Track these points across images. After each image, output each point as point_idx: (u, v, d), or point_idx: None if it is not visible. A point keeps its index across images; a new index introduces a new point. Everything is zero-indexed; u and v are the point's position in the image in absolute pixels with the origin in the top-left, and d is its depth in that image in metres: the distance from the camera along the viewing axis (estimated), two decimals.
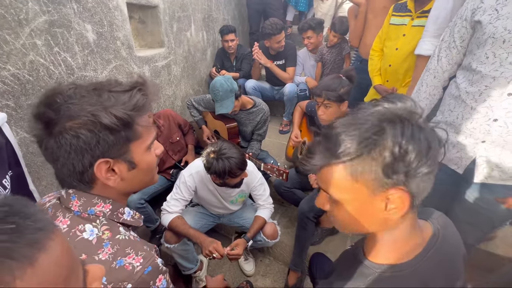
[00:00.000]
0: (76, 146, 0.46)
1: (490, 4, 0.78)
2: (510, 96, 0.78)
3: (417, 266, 0.49)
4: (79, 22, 1.36)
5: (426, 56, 1.25)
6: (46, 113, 0.46)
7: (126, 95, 0.49)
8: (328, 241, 1.78)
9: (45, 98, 0.48)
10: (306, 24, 2.23)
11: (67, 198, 0.52)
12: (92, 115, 0.46)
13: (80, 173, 0.49)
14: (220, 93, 1.64)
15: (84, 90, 0.49)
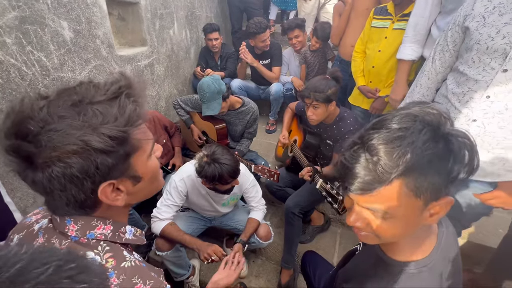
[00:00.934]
0: (71, 176, 0.39)
1: (479, 11, 0.83)
2: (488, 98, 0.84)
3: (434, 260, 0.52)
4: (54, 18, 1.25)
5: (407, 60, 1.32)
6: (22, 146, 0.38)
7: (114, 106, 0.41)
8: (319, 239, 1.83)
9: (14, 126, 0.39)
10: (293, 23, 2.23)
11: (62, 222, 0.46)
12: (81, 141, 0.39)
13: (82, 202, 0.43)
14: (206, 95, 1.60)
15: (59, 107, 0.40)
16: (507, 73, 0.79)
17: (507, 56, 0.77)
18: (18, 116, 0.39)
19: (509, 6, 0.78)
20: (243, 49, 2.31)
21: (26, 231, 0.51)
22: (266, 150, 2.44)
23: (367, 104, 1.66)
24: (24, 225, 0.53)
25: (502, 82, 0.80)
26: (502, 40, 0.78)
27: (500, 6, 0.80)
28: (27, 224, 0.53)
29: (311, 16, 2.84)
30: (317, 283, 1.06)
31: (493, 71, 0.81)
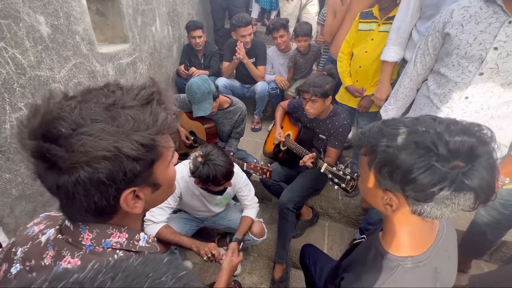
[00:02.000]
0: (98, 182, 0.38)
1: (457, 19, 0.92)
2: (466, 99, 0.93)
3: (430, 256, 0.57)
4: (30, 12, 1.15)
5: (391, 62, 1.41)
6: (51, 149, 0.36)
7: (146, 112, 0.40)
8: (309, 232, 1.89)
9: (42, 126, 0.37)
10: (278, 23, 2.26)
11: (75, 230, 0.44)
12: (114, 147, 0.37)
13: (102, 208, 0.42)
14: (197, 95, 1.58)
15: (91, 109, 0.38)
16: (483, 76, 0.88)
17: (483, 61, 0.87)
18: (47, 116, 0.37)
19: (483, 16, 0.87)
20: (240, 46, 2.30)
21: (31, 243, 0.48)
22: (253, 148, 2.47)
23: (354, 102, 1.75)
24: (26, 237, 0.50)
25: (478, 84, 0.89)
26: (478, 46, 0.87)
27: (475, 15, 0.89)
28: (31, 236, 0.50)
29: (293, 16, 2.90)
30: (318, 274, 1.11)
31: (471, 74, 0.90)
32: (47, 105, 0.38)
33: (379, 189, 0.55)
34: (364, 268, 0.62)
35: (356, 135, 0.58)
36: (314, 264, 1.20)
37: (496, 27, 0.85)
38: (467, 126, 0.49)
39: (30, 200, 1.30)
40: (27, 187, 1.27)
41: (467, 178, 0.44)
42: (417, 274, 0.56)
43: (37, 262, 0.45)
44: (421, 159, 0.46)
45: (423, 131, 0.48)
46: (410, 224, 0.57)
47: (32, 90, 1.21)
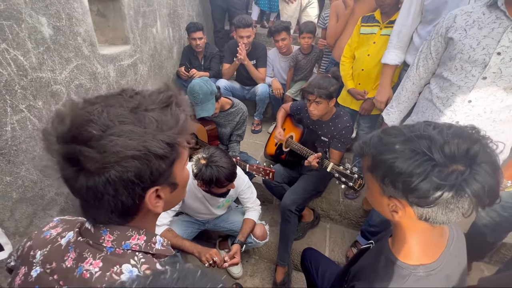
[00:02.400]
0: (127, 181, 0.40)
1: (461, 24, 0.93)
2: (470, 103, 0.94)
3: (443, 263, 0.57)
4: (32, 13, 1.14)
5: (391, 65, 1.43)
6: (84, 152, 0.37)
7: (167, 114, 0.43)
8: (310, 234, 1.90)
9: (73, 130, 0.38)
10: (280, 26, 2.26)
11: (96, 232, 0.46)
12: (143, 147, 0.39)
13: (127, 208, 0.43)
14: (200, 96, 1.57)
15: (118, 112, 0.40)
16: (486, 80, 0.89)
17: (486, 65, 0.88)
18: (77, 120, 0.38)
19: (486, 21, 0.88)
20: (241, 47, 2.29)
21: (51, 246, 0.49)
22: (253, 150, 2.47)
23: (356, 105, 1.76)
24: (44, 240, 0.51)
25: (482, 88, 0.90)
26: (482, 51, 0.88)
27: (478, 20, 0.90)
28: (49, 239, 0.51)
29: (293, 18, 2.91)
30: (320, 279, 1.11)
31: (474, 78, 0.91)
32: (74, 110, 0.40)
33: (384, 197, 0.56)
34: (376, 277, 0.61)
35: (357, 145, 0.60)
36: (316, 268, 1.20)
37: (499, 33, 0.86)
38: (461, 129, 0.50)
39: (31, 203, 1.28)
40: (28, 190, 1.25)
41: (467, 182, 0.45)
42: (430, 282, 0.56)
43: (58, 265, 0.46)
44: (419, 165, 0.47)
45: (419, 138, 0.49)
46: (419, 231, 0.57)
47: (34, 92, 1.20)
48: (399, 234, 0.60)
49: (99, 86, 1.59)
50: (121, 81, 1.79)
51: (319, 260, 1.21)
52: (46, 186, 1.34)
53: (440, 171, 0.46)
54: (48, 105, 1.28)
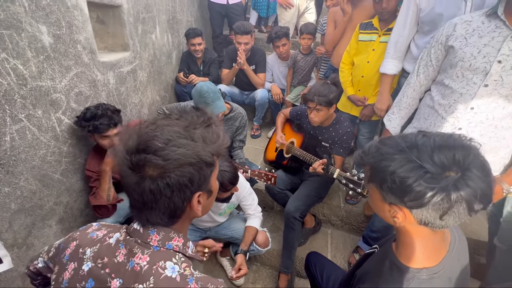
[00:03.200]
0: (182, 184, 0.49)
1: (461, 33, 0.95)
2: (472, 110, 0.95)
3: (445, 266, 0.58)
4: (32, 22, 1.13)
5: (390, 75, 1.44)
6: (153, 159, 0.47)
7: (210, 132, 0.53)
8: (312, 240, 1.89)
9: (142, 143, 0.48)
10: (281, 32, 2.28)
11: (145, 232, 0.54)
12: (197, 156, 0.49)
13: (176, 209, 0.52)
14: (211, 95, 1.59)
15: (174, 130, 0.50)
16: (488, 87, 0.91)
17: (488, 73, 0.89)
18: (145, 136, 0.48)
19: (486, 30, 0.90)
20: (241, 51, 2.31)
21: (100, 244, 0.57)
22: (254, 156, 2.46)
23: (356, 111, 1.77)
24: (92, 240, 0.58)
25: (483, 95, 0.92)
26: (483, 59, 0.90)
27: (478, 29, 0.91)
28: (97, 239, 0.58)
29: (291, 24, 2.93)
30: (325, 282, 1.10)
31: (476, 85, 0.92)
32: (139, 129, 0.50)
33: (385, 203, 0.58)
34: (380, 280, 0.63)
35: (358, 155, 0.63)
36: (320, 272, 1.20)
37: (499, 41, 0.88)
38: (450, 137, 0.53)
39: (29, 213, 1.26)
40: (27, 200, 1.23)
41: (458, 187, 0.47)
42: (433, 285, 0.58)
43: (110, 260, 0.54)
44: (412, 171, 0.50)
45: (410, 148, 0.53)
46: (421, 235, 0.59)
47: (33, 101, 1.19)
48: (403, 239, 0.62)
49: (99, 94, 1.57)
50: (120, 88, 1.78)
51: (324, 264, 1.20)
52: (45, 196, 1.32)
53: (432, 177, 0.49)
54: (48, 113, 1.27)
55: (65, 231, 1.47)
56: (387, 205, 0.58)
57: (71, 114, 1.39)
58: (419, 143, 0.53)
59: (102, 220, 1.49)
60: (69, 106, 1.38)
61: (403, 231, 0.60)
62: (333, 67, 2.04)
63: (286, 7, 2.88)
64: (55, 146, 1.33)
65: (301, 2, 2.87)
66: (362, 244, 1.68)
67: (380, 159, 0.56)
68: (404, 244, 0.61)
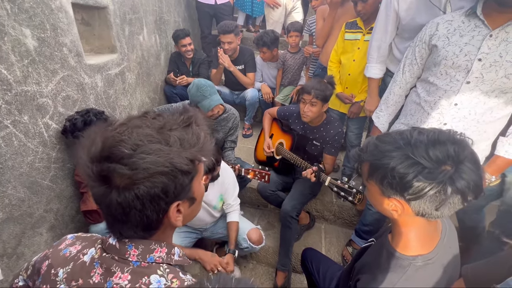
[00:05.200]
0: (154, 195, 0.43)
1: (443, 32, 0.99)
2: (456, 105, 1.00)
3: (438, 253, 0.62)
4: (15, 25, 1.10)
5: (376, 79, 1.49)
6: (117, 169, 0.40)
7: (189, 133, 0.46)
8: (306, 236, 1.92)
9: (106, 150, 0.41)
10: (260, 41, 2.32)
11: (122, 247, 0.48)
12: (170, 163, 0.42)
13: (150, 222, 0.46)
14: (208, 89, 1.63)
15: (145, 132, 0.43)
16: (470, 84, 0.96)
17: (469, 71, 0.94)
18: (109, 141, 0.42)
19: (466, 29, 0.95)
20: (221, 52, 2.30)
21: (73, 264, 0.51)
22: (246, 155, 2.47)
23: (344, 108, 1.81)
24: (65, 258, 0.52)
25: (466, 92, 0.96)
26: (464, 58, 0.94)
27: (459, 28, 0.96)
28: (70, 256, 0.52)
29: (279, 23, 2.96)
30: (321, 278, 1.13)
31: (459, 82, 0.97)
32: (104, 133, 0.43)
33: (384, 197, 0.61)
34: (379, 269, 0.66)
35: (355, 153, 0.66)
36: (317, 267, 1.23)
37: (479, 40, 0.92)
38: (443, 133, 0.56)
39: (18, 222, 1.22)
40: (15, 208, 1.19)
41: (454, 179, 0.51)
42: (428, 271, 0.62)
43: (85, 281, 0.48)
44: (410, 167, 0.53)
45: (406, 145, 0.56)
46: (416, 225, 0.62)
47: (19, 106, 1.15)
48: (398, 230, 0.65)
49: (87, 97, 1.54)
50: (109, 91, 1.75)
51: (320, 260, 1.23)
52: (35, 204, 1.28)
53: (429, 172, 0.52)
54: (35, 119, 1.23)
55: (56, 239, 1.43)
56: (386, 199, 0.60)
57: (59, 118, 1.36)
58: (414, 140, 0.55)
59: (94, 226, 1.46)
60: (57, 110, 1.35)
61: (399, 222, 0.64)
62: (322, 65, 2.08)
63: (274, 6, 2.90)
64: (43, 152, 1.29)
65: (288, 1, 2.90)
66: (355, 237, 1.73)
67: (379, 157, 0.58)
68: (400, 234, 0.65)
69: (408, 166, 0.53)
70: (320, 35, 2.03)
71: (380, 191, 0.60)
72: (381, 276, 0.64)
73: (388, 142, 0.58)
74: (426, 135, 0.56)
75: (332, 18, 1.85)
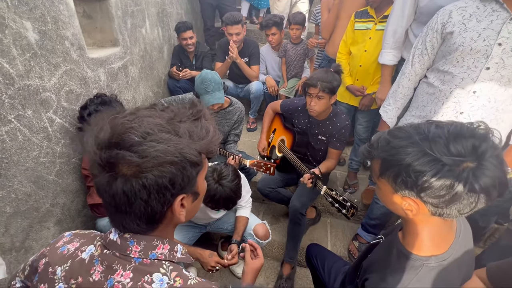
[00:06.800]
0: (161, 185, 0.42)
1: (458, 19, 0.94)
2: (474, 93, 0.96)
3: (452, 254, 0.59)
4: (15, 18, 1.08)
5: (390, 66, 1.43)
6: (127, 156, 0.39)
7: (198, 126, 0.46)
8: (312, 230, 1.91)
9: (116, 136, 0.40)
10: (270, 21, 2.25)
11: (123, 243, 0.46)
12: (180, 153, 0.42)
13: (154, 214, 0.45)
14: (212, 84, 1.58)
15: (156, 122, 0.43)
16: (489, 70, 0.91)
17: (489, 56, 0.90)
18: (119, 127, 0.41)
19: (483, 14, 0.90)
20: (232, 45, 2.27)
21: (71, 261, 0.49)
22: (251, 149, 2.45)
23: (354, 101, 1.76)
24: (63, 256, 0.51)
25: (486, 78, 0.92)
26: (483, 43, 0.90)
27: (475, 14, 0.91)
28: (68, 254, 0.51)
29: (284, 14, 2.89)
30: (326, 274, 1.12)
31: (477, 69, 0.93)
32: (114, 119, 0.42)
33: (397, 196, 0.57)
34: (388, 269, 0.63)
35: (364, 149, 0.62)
36: (322, 263, 1.21)
37: (499, 24, 0.88)
38: (463, 126, 0.52)
39: (26, 216, 1.23)
40: (22, 203, 1.20)
41: (478, 177, 0.47)
42: (442, 272, 0.58)
43: (84, 279, 0.47)
44: (428, 165, 0.49)
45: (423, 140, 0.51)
46: (431, 224, 0.58)
47: (22, 101, 1.15)
48: (411, 228, 0.62)
49: (90, 91, 1.53)
50: (112, 85, 1.74)
51: (325, 256, 1.22)
52: (41, 198, 1.29)
53: (450, 170, 0.47)
54: (38, 113, 1.23)
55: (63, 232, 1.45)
56: (399, 198, 0.57)
57: (63, 113, 1.36)
58: (432, 134, 0.51)
59: (101, 219, 1.47)
60: (60, 105, 1.34)
61: (413, 221, 0.60)
62: (328, 57, 2.02)
63: None
64: (48, 147, 1.29)
65: None
66: (361, 231, 1.71)
67: (392, 153, 0.54)
68: (413, 234, 0.61)
69: (425, 163, 0.49)
70: (325, 27, 1.97)
71: (392, 189, 0.57)
72: (391, 277, 0.61)
73: (402, 137, 0.54)
74: (446, 129, 0.51)
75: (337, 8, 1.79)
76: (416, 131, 0.54)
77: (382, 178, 0.58)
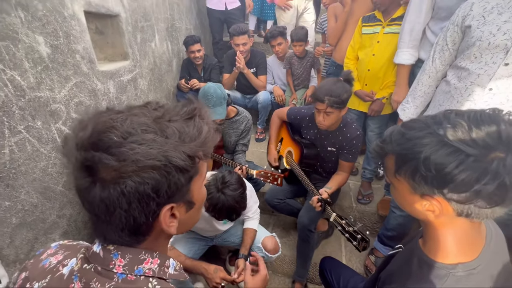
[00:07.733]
0: (143, 194, 0.37)
1: (478, 11, 0.89)
2: (491, 91, 0.89)
3: (484, 262, 0.51)
4: (28, 33, 1.13)
5: (407, 65, 1.38)
6: (103, 159, 0.35)
7: (190, 126, 0.40)
8: (325, 244, 1.81)
9: (94, 136, 0.36)
10: (275, 31, 2.26)
11: (106, 256, 0.41)
12: (164, 157, 0.36)
13: (138, 226, 0.39)
14: (213, 99, 1.55)
15: (141, 121, 0.38)
16: (508, 66, 0.84)
17: (508, 51, 0.83)
18: (99, 126, 0.36)
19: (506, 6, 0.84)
20: (239, 55, 2.29)
21: (51, 276, 0.44)
22: (259, 159, 2.41)
23: (364, 106, 1.70)
24: (43, 270, 0.46)
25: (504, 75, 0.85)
26: (503, 36, 0.84)
27: (498, 6, 0.86)
28: (48, 268, 0.46)
29: (290, 25, 2.91)
30: None
31: (495, 65, 0.86)
32: (97, 117, 0.38)
33: (416, 195, 0.51)
34: (409, 280, 0.56)
35: (376, 146, 0.56)
36: (337, 278, 1.12)
37: None
38: (486, 113, 0.45)
39: (31, 227, 1.22)
40: (28, 214, 1.20)
41: (510, 170, 0.40)
42: (472, 283, 0.50)
43: None
44: (451, 156, 0.43)
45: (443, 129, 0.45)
46: (456, 228, 0.51)
47: (32, 112, 1.17)
48: (432, 233, 0.55)
49: (99, 103, 1.56)
50: (121, 97, 1.77)
51: (340, 270, 1.13)
52: (47, 209, 1.28)
53: (476, 160, 0.42)
54: (48, 124, 1.25)
55: None
56: (418, 197, 0.50)
57: (72, 124, 1.38)
58: (452, 121, 0.45)
59: None
60: (70, 116, 1.36)
61: (435, 225, 0.53)
62: (335, 63, 1.99)
63: (285, 8, 2.87)
64: (56, 158, 1.30)
65: (300, 2, 2.85)
66: (377, 244, 1.59)
67: (408, 146, 0.48)
68: (435, 239, 0.54)
69: (446, 154, 0.43)
70: (332, 34, 1.95)
71: (410, 188, 0.51)
72: None
73: (418, 127, 0.48)
74: (467, 115, 0.45)
75: (346, 16, 1.77)
76: (433, 120, 0.48)
77: (398, 176, 0.52)
